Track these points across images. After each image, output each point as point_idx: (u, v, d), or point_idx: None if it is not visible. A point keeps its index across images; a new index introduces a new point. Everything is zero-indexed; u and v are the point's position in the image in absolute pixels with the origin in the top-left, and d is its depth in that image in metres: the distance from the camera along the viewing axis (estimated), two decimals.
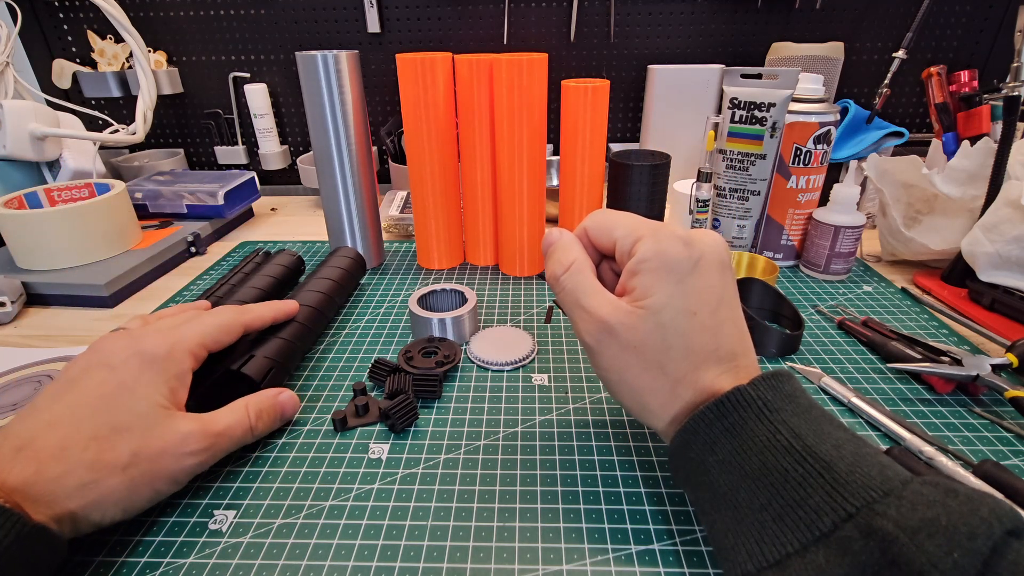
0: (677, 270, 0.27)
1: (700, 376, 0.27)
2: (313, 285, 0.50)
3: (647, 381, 0.28)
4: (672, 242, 0.28)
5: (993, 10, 0.85)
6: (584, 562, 0.29)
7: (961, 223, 0.57)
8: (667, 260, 0.27)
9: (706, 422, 0.26)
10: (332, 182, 0.59)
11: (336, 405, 0.42)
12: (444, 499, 0.33)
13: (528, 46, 0.89)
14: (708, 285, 0.28)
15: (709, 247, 0.28)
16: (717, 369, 0.27)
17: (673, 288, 0.27)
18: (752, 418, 0.25)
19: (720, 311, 0.28)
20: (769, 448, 0.24)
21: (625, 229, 0.30)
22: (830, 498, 0.21)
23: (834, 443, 0.23)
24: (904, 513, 0.20)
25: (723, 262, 0.29)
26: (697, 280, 0.27)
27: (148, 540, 0.31)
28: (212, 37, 0.90)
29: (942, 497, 0.20)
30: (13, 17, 0.76)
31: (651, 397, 0.28)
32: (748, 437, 0.25)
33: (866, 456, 0.23)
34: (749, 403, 0.25)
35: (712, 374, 0.27)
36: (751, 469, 0.24)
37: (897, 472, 0.22)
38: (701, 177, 0.58)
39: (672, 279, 0.27)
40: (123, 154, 0.94)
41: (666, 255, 0.27)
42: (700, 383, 0.27)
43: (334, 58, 0.53)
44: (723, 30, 0.87)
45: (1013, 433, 0.38)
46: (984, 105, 0.60)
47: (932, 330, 0.51)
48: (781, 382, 0.26)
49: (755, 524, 0.23)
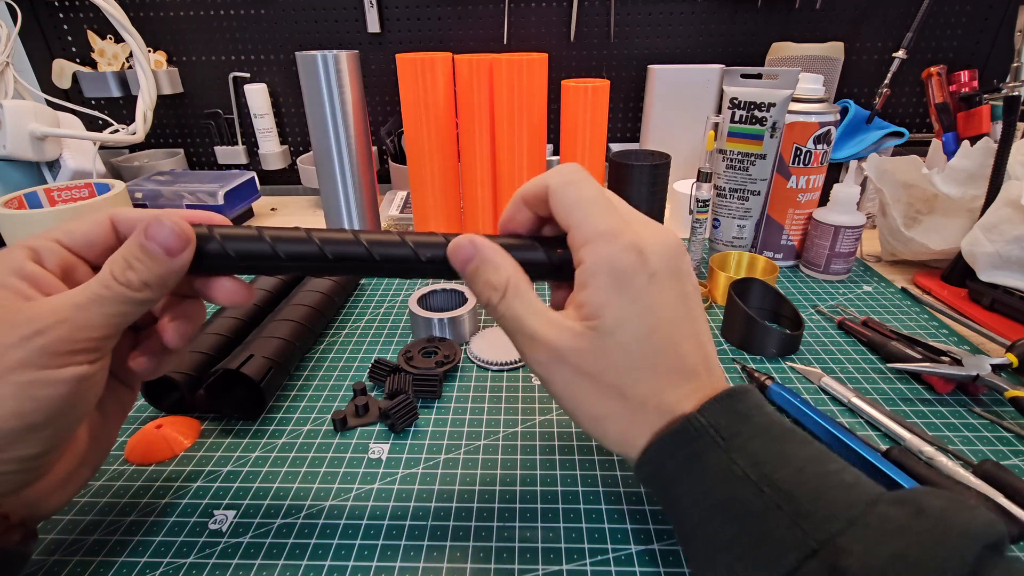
0: (631, 285, 0.24)
1: (662, 400, 0.25)
2: (313, 285, 0.50)
3: (605, 408, 0.25)
4: (624, 252, 0.24)
5: (993, 10, 0.85)
6: (584, 562, 0.29)
7: (961, 223, 0.57)
8: (619, 273, 0.24)
9: (665, 453, 0.24)
10: (332, 182, 0.59)
11: (336, 405, 0.42)
12: (444, 499, 0.33)
13: (528, 46, 0.89)
14: (665, 299, 0.25)
15: (663, 257, 0.25)
16: (679, 391, 0.25)
17: (628, 306, 0.24)
18: (707, 448, 0.23)
19: (681, 326, 0.25)
20: (728, 480, 0.22)
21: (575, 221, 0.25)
22: (792, 532, 0.20)
23: (796, 466, 0.22)
24: (870, 548, 0.19)
25: (681, 271, 0.26)
26: (654, 295, 0.24)
27: (148, 540, 0.31)
28: (212, 37, 0.90)
29: (910, 520, 0.19)
30: (13, 17, 0.76)
31: (610, 424, 0.26)
32: (706, 469, 0.23)
33: (830, 476, 0.22)
34: (702, 432, 0.23)
35: (674, 397, 0.25)
36: (714, 502, 0.23)
37: (863, 491, 0.21)
38: (701, 177, 0.58)
39: (626, 295, 0.24)
40: (123, 154, 0.94)
41: (617, 268, 0.24)
42: (662, 407, 0.25)
43: (334, 58, 0.53)
44: (723, 30, 0.87)
45: (1013, 433, 0.38)
46: (984, 105, 0.60)
47: (932, 330, 0.51)
48: (735, 401, 0.24)
49: (724, 561, 0.22)
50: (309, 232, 0.27)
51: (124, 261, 0.25)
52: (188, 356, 0.41)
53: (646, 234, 0.25)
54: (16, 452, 0.23)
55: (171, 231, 0.25)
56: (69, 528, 0.32)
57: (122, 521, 0.32)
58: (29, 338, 0.23)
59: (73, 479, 0.28)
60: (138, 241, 0.25)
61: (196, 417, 0.40)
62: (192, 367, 0.40)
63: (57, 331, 0.23)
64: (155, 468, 0.36)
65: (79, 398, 0.25)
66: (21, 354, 0.23)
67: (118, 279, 0.24)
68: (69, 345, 0.24)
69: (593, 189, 0.26)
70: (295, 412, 0.41)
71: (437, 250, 0.27)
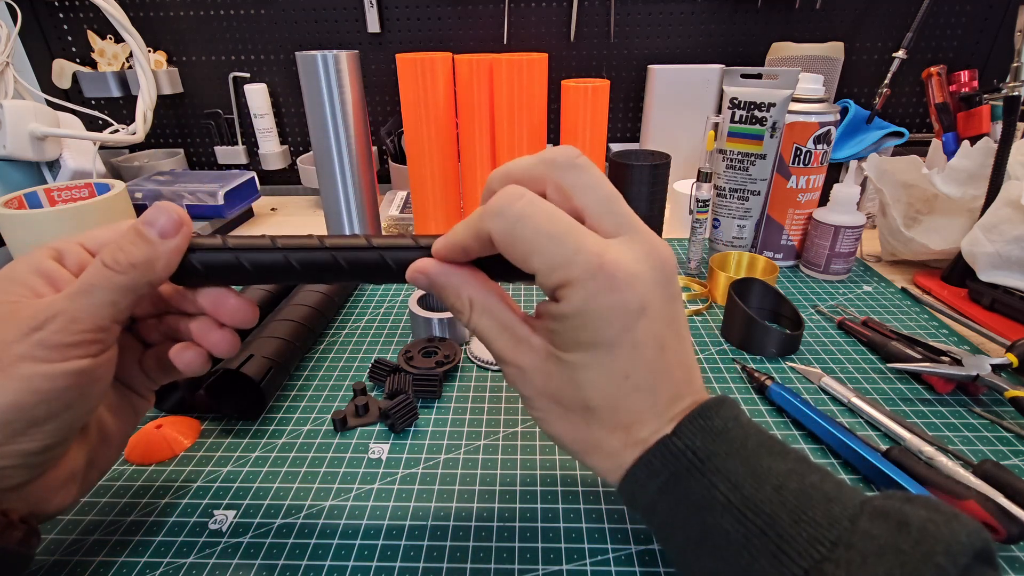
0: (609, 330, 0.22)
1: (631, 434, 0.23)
2: (313, 285, 0.50)
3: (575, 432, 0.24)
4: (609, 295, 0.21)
5: (993, 10, 0.85)
6: (584, 562, 0.29)
7: (961, 223, 0.57)
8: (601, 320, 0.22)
9: (638, 483, 0.23)
10: (332, 182, 0.59)
11: (336, 405, 0.42)
12: (444, 499, 0.33)
13: (528, 46, 0.89)
14: (651, 334, 0.22)
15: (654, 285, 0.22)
16: (655, 422, 0.23)
17: (600, 351, 0.22)
18: (683, 473, 0.22)
19: (664, 355, 0.23)
20: (707, 507, 0.21)
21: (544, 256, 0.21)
22: (776, 561, 0.20)
23: (775, 483, 0.21)
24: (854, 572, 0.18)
25: (672, 294, 0.23)
26: (637, 335, 0.22)
27: (148, 540, 0.31)
28: (212, 37, 0.90)
29: (893, 537, 0.19)
30: (13, 17, 0.76)
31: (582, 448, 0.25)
32: (683, 496, 0.22)
33: (811, 490, 0.21)
34: (677, 456, 0.22)
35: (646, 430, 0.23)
36: (692, 534, 0.22)
37: (846, 504, 0.20)
38: (701, 177, 0.58)
39: (600, 340, 0.22)
40: (123, 154, 0.94)
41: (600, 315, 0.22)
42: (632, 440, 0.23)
43: (334, 58, 0.53)
44: (723, 30, 0.87)
45: (1013, 433, 0.38)
46: (984, 105, 0.60)
47: (932, 330, 0.51)
48: (709, 418, 0.23)
49: None
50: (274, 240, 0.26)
51: (116, 245, 0.25)
52: None
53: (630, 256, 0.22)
54: (18, 446, 0.24)
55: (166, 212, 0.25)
56: (69, 528, 0.32)
57: (122, 521, 0.32)
58: (29, 333, 0.23)
59: (80, 480, 0.27)
60: (135, 226, 0.25)
61: (196, 417, 0.40)
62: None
63: (53, 324, 0.24)
64: (155, 468, 0.36)
65: (82, 392, 0.25)
66: (22, 348, 0.23)
67: (107, 263, 0.25)
68: (66, 337, 0.24)
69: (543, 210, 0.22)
70: (295, 412, 0.41)
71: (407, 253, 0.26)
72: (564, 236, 0.22)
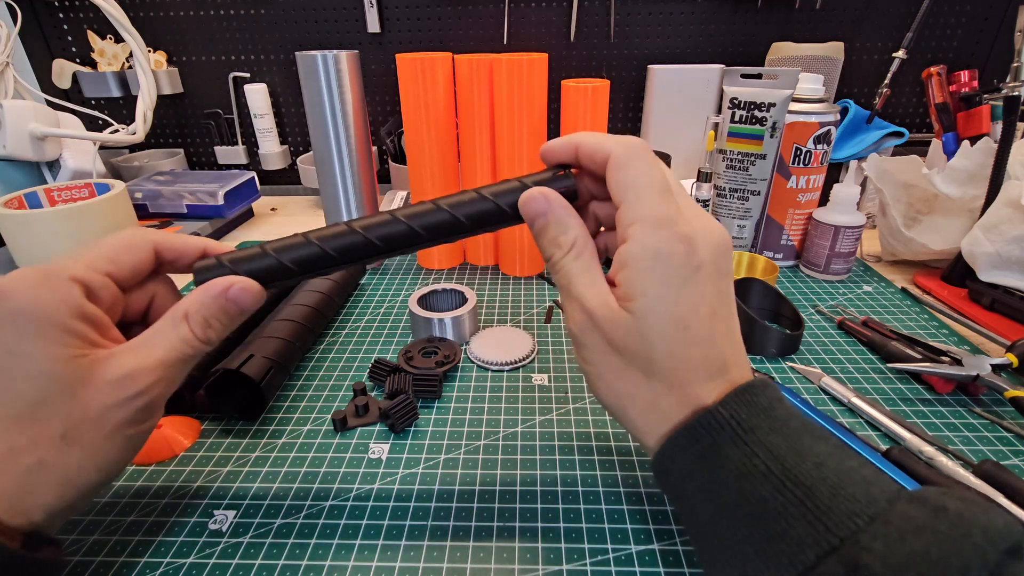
0: (672, 275, 0.24)
1: (687, 392, 0.25)
2: (313, 285, 0.50)
3: (628, 386, 0.26)
4: (672, 241, 0.24)
5: (993, 10, 0.84)
6: (584, 562, 0.29)
7: (961, 223, 0.57)
8: (662, 261, 0.24)
9: (679, 448, 0.24)
10: (332, 182, 0.59)
11: (336, 405, 0.42)
12: (444, 499, 0.33)
13: (528, 46, 0.89)
14: (704, 294, 0.24)
15: (712, 252, 0.25)
16: (706, 385, 0.25)
17: (664, 294, 0.24)
18: (726, 442, 0.23)
19: (715, 322, 0.25)
20: (746, 475, 0.22)
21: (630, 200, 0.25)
22: (813, 528, 0.20)
23: (815, 460, 0.22)
24: (891, 546, 0.18)
25: (725, 269, 0.26)
26: (693, 288, 0.24)
27: (148, 540, 0.31)
28: (212, 37, 0.90)
29: (931, 519, 0.19)
30: (13, 17, 0.76)
31: (631, 404, 0.26)
32: (723, 463, 0.23)
33: (850, 471, 0.21)
34: (722, 425, 0.23)
35: (700, 390, 0.25)
36: (729, 499, 0.22)
37: (884, 488, 0.20)
38: (701, 177, 0.58)
39: (664, 284, 0.24)
40: (123, 154, 0.94)
41: (662, 256, 0.24)
42: (686, 399, 0.25)
43: (334, 58, 0.53)
44: (723, 30, 0.87)
45: (1013, 433, 0.38)
46: (984, 105, 0.60)
47: (932, 330, 0.51)
48: (755, 395, 0.24)
49: (737, 558, 0.22)
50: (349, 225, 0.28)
51: (204, 321, 0.26)
52: None
53: (698, 225, 0.25)
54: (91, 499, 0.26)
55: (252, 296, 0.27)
56: (69, 528, 0.31)
57: (122, 521, 0.32)
58: (132, 398, 0.25)
59: None
60: (220, 303, 0.27)
61: (196, 417, 0.40)
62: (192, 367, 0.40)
63: (154, 391, 0.25)
64: (155, 468, 0.36)
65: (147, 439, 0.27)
66: (125, 413, 0.25)
67: (199, 337, 0.26)
68: (164, 399, 0.26)
69: (657, 173, 0.26)
70: (295, 412, 0.41)
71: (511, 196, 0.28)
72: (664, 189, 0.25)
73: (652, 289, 0.24)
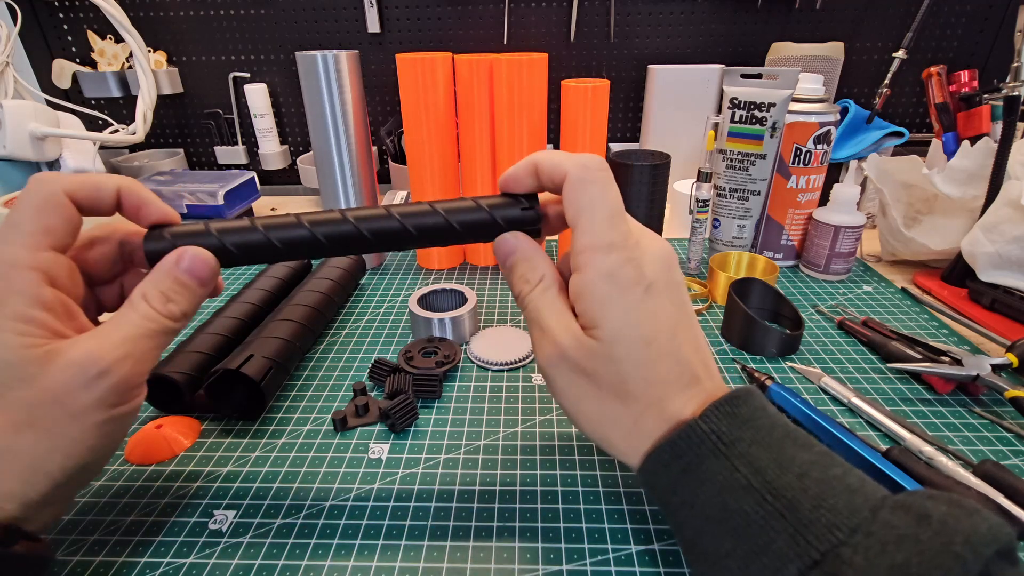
0: (628, 297, 0.25)
1: (664, 408, 0.25)
2: (313, 285, 0.50)
3: (607, 412, 0.26)
4: (622, 265, 0.25)
5: (993, 10, 0.84)
6: (584, 562, 0.29)
7: (961, 223, 0.57)
8: (616, 286, 0.25)
9: (662, 464, 0.24)
10: (332, 182, 0.59)
11: (336, 405, 0.42)
12: (444, 499, 0.33)
13: (528, 46, 0.89)
14: (661, 309, 0.25)
15: (659, 268, 0.26)
16: (681, 397, 0.25)
17: (625, 317, 0.25)
18: (707, 455, 0.23)
19: (677, 333, 0.25)
20: (728, 488, 0.22)
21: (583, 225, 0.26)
22: (794, 542, 0.20)
23: (798, 471, 0.22)
24: (872, 559, 0.18)
25: (676, 281, 0.27)
26: (650, 306, 0.25)
27: (148, 540, 0.31)
28: (212, 37, 0.90)
29: (913, 528, 0.19)
30: (13, 17, 0.76)
31: (612, 429, 0.26)
32: (706, 477, 0.23)
33: (833, 481, 0.21)
34: (703, 439, 0.23)
35: (676, 404, 0.25)
36: (712, 513, 0.22)
37: (868, 497, 0.20)
38: (701, 177, 0.58)
39: (623, 307, 0.25)
40: (123, 154, 0.94)
41: (615, 280, 0.25)
42: (664, 414, 0.25)
43: (334, 58, 0.53)
44: (723, 30, 0.87)
45: (1013, 433, 0.38)
46: (984, 105, 0.60)
47: (932, 330, 0.51)
48: (737, 406, 0.24)
49: (723, 572, 0.22)
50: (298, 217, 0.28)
51: (162, 295, 0.26)
52: (188, 356, 0.41)
53: (644, 244, 0.26)
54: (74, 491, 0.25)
55: (206, 265, 0.27)
56: (69, 528, 0.31)
57: (122, 521, 0.32)
58: (97, 378, 0.24)
59: None
60: (173, 275, 0.26)
61: (196, 417, 0.40)
62: (192, 367, 0.40)
63: (121, 369, 0.24)
64: (155, 468, 0.36)
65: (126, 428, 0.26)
66: (93, 394, 0.24)
67: (161, 312, 0.26)
68: (135, 379, 0.25)
69: (610, 196, 0.26)
70: (295, 412, 0.41)
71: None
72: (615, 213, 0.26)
73: (612, 313, 0.25)
